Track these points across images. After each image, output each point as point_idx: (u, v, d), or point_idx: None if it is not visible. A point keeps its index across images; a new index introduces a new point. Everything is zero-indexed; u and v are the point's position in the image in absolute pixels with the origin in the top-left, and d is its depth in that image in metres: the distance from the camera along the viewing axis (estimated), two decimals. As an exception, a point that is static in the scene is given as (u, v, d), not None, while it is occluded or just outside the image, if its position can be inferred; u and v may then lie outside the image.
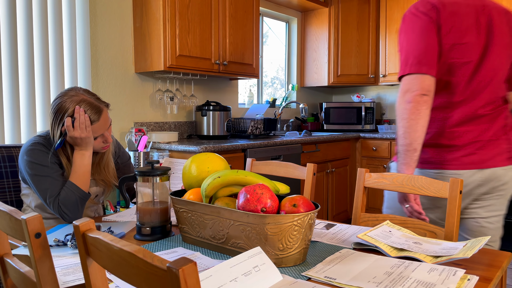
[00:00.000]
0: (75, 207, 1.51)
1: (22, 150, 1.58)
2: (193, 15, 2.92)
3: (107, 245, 0.67)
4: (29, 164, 1.53)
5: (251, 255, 0.97)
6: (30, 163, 1.53)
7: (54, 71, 2.51)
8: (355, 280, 0.96)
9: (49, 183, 1.52)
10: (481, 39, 1.50)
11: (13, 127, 2.33)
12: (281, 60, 4.57)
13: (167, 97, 3.15)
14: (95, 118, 1.57)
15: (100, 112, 1.59)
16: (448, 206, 1.37)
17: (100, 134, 1.61)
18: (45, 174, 1.52)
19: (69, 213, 1.50)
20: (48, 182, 1.52)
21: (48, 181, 1.52)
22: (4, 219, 0.94)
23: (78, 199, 1.51)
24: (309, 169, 1.77)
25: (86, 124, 1.53)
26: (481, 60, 1.50)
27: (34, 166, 1.52)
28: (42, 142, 1.57)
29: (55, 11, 2.50)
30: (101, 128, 1.60)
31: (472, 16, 1.50)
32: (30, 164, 1.53)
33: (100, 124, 1.60)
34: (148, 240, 1.28)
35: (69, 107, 1.54)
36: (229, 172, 1.21)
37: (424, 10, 1.51)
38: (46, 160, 1.54)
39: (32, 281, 0.93)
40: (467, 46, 1.49)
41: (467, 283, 0.94)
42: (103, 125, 1.61)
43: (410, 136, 1.47)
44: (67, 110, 1.54)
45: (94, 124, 1.57)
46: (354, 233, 1.35)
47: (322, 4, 4.30)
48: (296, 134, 3.92)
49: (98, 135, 1.60)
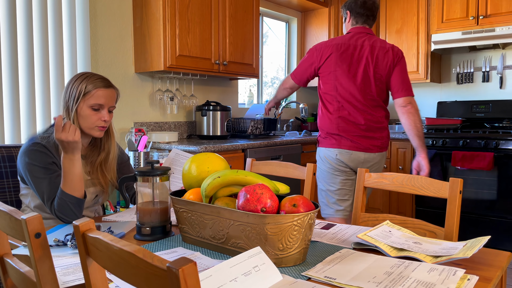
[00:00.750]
0: (70, 213, 1.49)
1: (22, 150, 1.57)
2: (193, 15, 2.92)
3: (107, 245, 0.67)
4: (27, 165, 1.52)
5: (251, 255, 0.97)
6: (28, 165, 1.52)
7: (54, 71, 2.51)
8: (355, 280, 0.96)
9: (45, 185, 1.51)
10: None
11: (13, 127, 2.33)
12: (281, 60, 4.57)
13: (167, 97, 3.15)
14: (101, 85, 1.58)
15: (108, 85, 1.60)
16: (448, 206, 1.37)
17: (98, 104, 1.58)
18: (43, 176, 1.52)
19: (67, 218, 1.49)
20: (45, 185, 1.51)
21: (45, 184, 1.51)
22: (4, 219, 0.94)
23: (72, 206, 1.49)
24: (309, 169, 1.77)
25: (76, 129, 1.46)
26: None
27: (32, 167, 1.52)
28: (42, 142, 1.56)
29: (55, 11, 2.50)
30: (103, 97, 1.58)
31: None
32: (28, 166, 1.52)
33: (105, 93, 1.59)
34: (148, 240, 1.28)
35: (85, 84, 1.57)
36: (229, 172, 1.21)
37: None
38: (45, 161, 1.53)
39: (32, 281, 0.93)
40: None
41: (467, 283, 0.94)
42: (107, 95, 1.60)
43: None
44: (82, 86, 1.56)
45: (99, 89, 1.57)
46: (354, 233, 1.35)
47: (322, 4, 4.30)
48: (296, 134, 3.92)
49: (97, 103, 1.58)
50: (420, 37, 4.01)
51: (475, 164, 3.33)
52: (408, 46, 4.09)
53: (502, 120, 3.81)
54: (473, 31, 3.68)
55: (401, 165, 3.83)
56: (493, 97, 4.02)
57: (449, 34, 3.80)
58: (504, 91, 3.97)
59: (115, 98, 1.65)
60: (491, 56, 4.01)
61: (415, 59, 4.06)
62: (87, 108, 1.58)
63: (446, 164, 3.54)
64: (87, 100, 1.57)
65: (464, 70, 4.15)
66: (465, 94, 4.18)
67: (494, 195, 3.33)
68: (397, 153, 3.85)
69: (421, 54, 4.01)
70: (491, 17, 3.62)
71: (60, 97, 2.53)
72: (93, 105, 1.58)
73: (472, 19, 3.70)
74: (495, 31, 3.59)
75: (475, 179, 3.41)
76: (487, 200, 3.37)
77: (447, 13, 3.84)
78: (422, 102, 4.42)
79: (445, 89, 4.29)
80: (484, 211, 3.40)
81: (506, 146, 3.27)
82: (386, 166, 3.92)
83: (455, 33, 3.77)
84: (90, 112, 1.58)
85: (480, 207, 3.41)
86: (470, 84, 4.15)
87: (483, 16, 3.64)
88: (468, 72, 4.13)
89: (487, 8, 3.64)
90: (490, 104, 3.90)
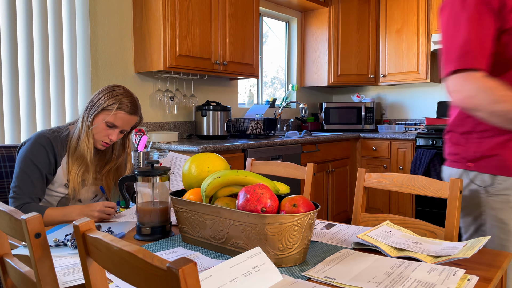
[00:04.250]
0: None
1: (29, 139, 1.60)
2: (193, 15, 2.92)
3: (107, 245, 0.67)
4: (24, 154, 1.56)
5: (251, 255, 0.97)
6: (25, 155, 1.56)
7: (54, 71, 2.51)
8: (355, 280, 0.96)
9: (25, 182, 1.53)
10: None
11: (13, 127, 2.33)
12: (281, 60, 4.57)
13: (167, 97, 3.15)
14: (127, 111, 1.60)
15: (133, 112, 1.62)
16: (448, 206, 1.37)
17: (114, 124, 1.60)
18: (29, 172, 1.54)
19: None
20: (25, 181, 1.53)
21: (26, 181, 1.53)
22: (4, 219, 0.94)
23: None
24: (309, 169, 1.77)
25: (110, 213, 1.49)
26: None
27: (27, 159, 1.55)
28: (50, 136, 1.59)
29: (55, 11, 2.50)
30: (121, 120, 1.60)
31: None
32: (24, 156, 1.56)
33: (125, 118, 1.60)
34: (148, 240, 1.28)
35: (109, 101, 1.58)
36: (229, 172, 1.21)
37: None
38: (41, 160, 1.56)
39: (32, 281, 0.93)
40: None
41: (467, 283, 0.93)
42: (126, 121, 1.61)
43: None
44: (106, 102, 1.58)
45: (123, 113, 1.59)
46: (354, 233, 1.35)
47: (322, 4, 4.30)
48: (296, 134, 3.92)
49: (113, 123, 1.60)
50: (420, 37, 4.01)
51: (475, 164, 3.32)
52: (408, 46, 4.09)
53: (502, 120, 3.80)
54: (473, 31, 3.68)
55: (401, 165, 3.83)
56: (493, 97, 4.01)
57: (449, 34, 3.80)
58: (504, 91, 3.96)
59: (132, 124, 1.66)
60: (491, 56, 4.01)
61: (415, 59, 4.06)
62: (102, 122, 1.60)
63: (446, 164, 3.54)
64: (106, 116, 1.59)
65: (464, 70, 4.14)
66: (465, 94, 4.17)
67: (494, 195, 3.33)
68: (397, 153, 3.85)
69: (421, 54, 4.01)
70: (491, 17, 3.62)
71: (59, 96, 2.53)
72: (109, 123, 1.60)
73: (472, 19, 3.70)
74: (495, 31, 3.58)
75: (475, 179, 3.41)
76: (487, 200, 3.36)
77: (447, 13, 3.84)
78: (422, 102, 4.41)
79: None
80: (484, 211, 3.39)
81: (506, 146, 3.26)
82: (386, 166, 3.92)
83: (455, 33, 3.77)
84: (103, 127, 1.61)
85: (480, 207, 3.40)
86: (470, 84, 4.14)
87: (483, 16, 3.64)
88: (468, 72, 4.12)
89: (487, 8, 3.63)
90: (490, 104, 3.89)
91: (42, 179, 1.56)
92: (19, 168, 1.55)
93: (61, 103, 2.54)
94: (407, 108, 4.52)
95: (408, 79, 4.12)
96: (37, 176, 1.55)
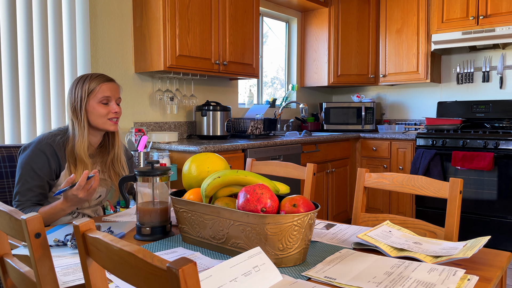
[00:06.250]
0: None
1: (31, 144, 1.60)
2: (193, 15, 2.92)
3: (107, 245, 0.67)
4: (25, 160, 1.57)
5: (251, 255, 0.97)
6: (26, 161, 1.57)
7: (54, 71, 2.51)
8: (355, 280, 0.96)
9: (25, 187, 1.55)
10: None
11: (13, 127, 2.33)
12: (281, 60, 4.57)
13: (167, 97, 3.15)
14: (104, 80, 1.65)
15: (110, 79, 1.67)
16: (448, 206, 1.37)
17: (106, 97, 1.63)
18: (29, 179, 1.55)
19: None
20: (25, 187, 1.55)
21: (25, 186, 1.55)
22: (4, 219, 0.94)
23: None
24: (309, 169, 1.77)
25: (92, 187, 1.43)
26: None
27: (27, 166, 1.56)
28: (50, 142, 1.59)
29: (55, 11, 2.50)
30: (108, 90, 1.64)
31: None
32: (25, 162, 1.57)
33: (109, 86, 1.65)
34: (148, 240, 1.28)
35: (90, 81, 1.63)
36: (229, 172, 1.21)
37: None
38: (41, 166, 1.56)
39: (32, 281, 0.93)
40: None
41: (467, 283, 0.93)
42: (112, 88, 1.66)
43: None
44: (88, 81, 1.63)
45: (103, 84, 1.63)
46: (354, 233, 1.35)
47: (322, 4, 4.30)
48: (296, 134, 3.92)
49: (105, 96, 1.63)
50: (420, 37, 4.01)
51: (475, 164, 3.33)
52: (408, 46, 4.09)
53: (502, 120, 3.80)
54: (473, 31, 3.68)
55: (401, 165, 3.83)
56: (493, 97, 4.02)
57: (449, 34, 3.80)
58: (504, 91, 3.97)
59: (119, 90, 1.71)
60: (491, 56, 4.01)
61: (415, 59, 4.06)
62: (96, 104, 1.63)
63: (446, 164, 3.54)
64: (94, 97, 1.62)
65: (464, 70, 4.14)
66: (465, 94, 4.18)
67: (494, 195, 3.33)
68: (397, 153, 3.85)
69: (421, 54, 4.01)
70: (491, 17, 3.62)
71: (59, 96, 2.53)
72: (101, 99, 1.63)
73: (472, 19, 3.70)
74: (495, 31, 3.59)
75: (475, 179, 3.41)
76: (487, 200, 3.37)
77: (447, 13, 3.84)
78: (422, 102, 4.42)
79: (445, 89, 4.29)
80: (484, 211, 3.39)
81: (506, 146, 3.27)
82: (386, 166, 3.92)
83: (455, 33, 3.77)
84: (99, 107, 1.63)
85: (480, 207, 3.41)
86: (470, 84, 4.15)
87: (483, 16, 3.64)
88: (468, 72, 4.12)
89: (487, 8, 3.64)
90: (490, 104, 3.90)
91: (43, 185, 1.57)
92: (20, 174, 1.56)
93: (61, 103, 2.54)
94: (407, 108, 4.52)
95: (408, 79, 4.12)
96: (38, 183, 1.56)
